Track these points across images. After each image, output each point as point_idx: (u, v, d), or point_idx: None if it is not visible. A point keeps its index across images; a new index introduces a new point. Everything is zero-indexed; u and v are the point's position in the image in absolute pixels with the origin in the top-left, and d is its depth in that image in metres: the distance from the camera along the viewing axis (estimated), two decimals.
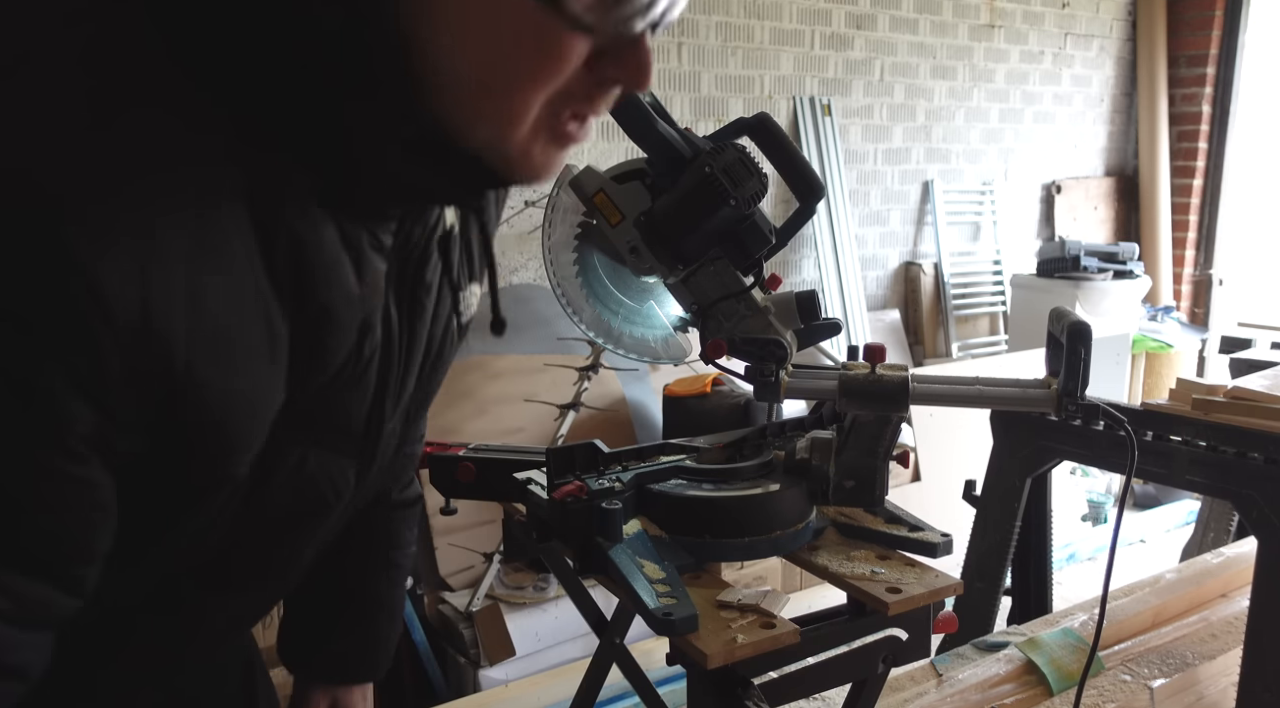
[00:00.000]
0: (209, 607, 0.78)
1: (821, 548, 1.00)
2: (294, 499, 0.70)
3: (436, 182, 0.64)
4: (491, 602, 2.67)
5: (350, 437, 0.72)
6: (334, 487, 0.73)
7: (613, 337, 1.07)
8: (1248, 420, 1.62)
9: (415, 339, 0.75)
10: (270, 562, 0.78)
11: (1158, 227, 5.44)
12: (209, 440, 0.59)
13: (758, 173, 0.93)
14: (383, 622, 1.10)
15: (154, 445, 0.57)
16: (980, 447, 2.09)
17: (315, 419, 0.68)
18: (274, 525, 0.72)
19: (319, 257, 0.62)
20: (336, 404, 0.69)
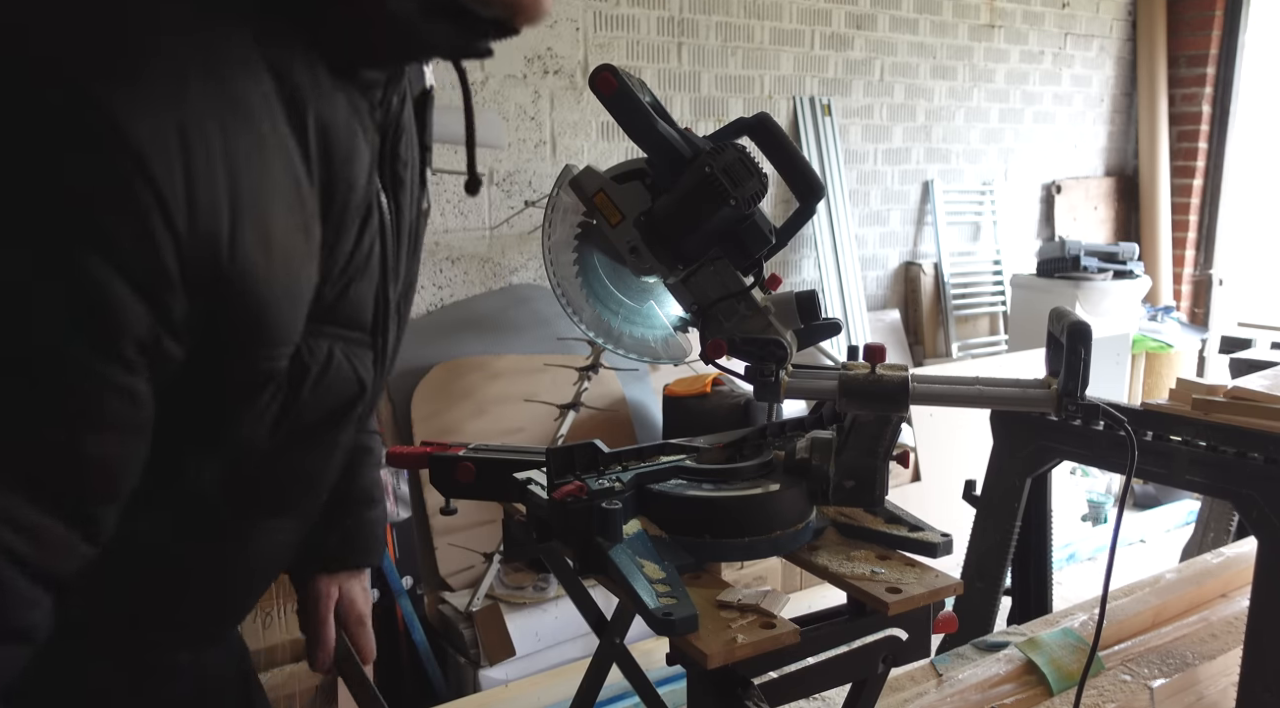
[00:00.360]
0: (254, 532, 0.78)
1: (821, 548, 1.00)
2: (327, 396, 0.71)
3: (442, 30, 0.64)
4: (491, 602, 2.67)
5: (364, 326, 0.73)
6: (359, 379, 0.74)
7: (613, 337, 1.07)
8: (1248, 420, 1.62)
9: (402, 217, 0.77)
10: (308, 472, 0.79)
11: (1158, 227, 5.44)
12: (251, 328, 0.59)
13: (758, 173, 0.93)
14: (364, 507, 1.10)
15: (198, 344, 0.57)
16: (980, 447, 2.09)
17: (336, 311, 0.69)
18: (311, 429, 0.72)
19: (340, 136, 0.63)
20: (352, 294, 0.70)
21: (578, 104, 3.49)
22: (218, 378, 0.60)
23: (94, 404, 0.53)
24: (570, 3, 3.42)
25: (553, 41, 3.41)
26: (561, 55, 3.44)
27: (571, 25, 3.44)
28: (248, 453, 0.68)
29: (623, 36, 3.60)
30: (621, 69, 0.93)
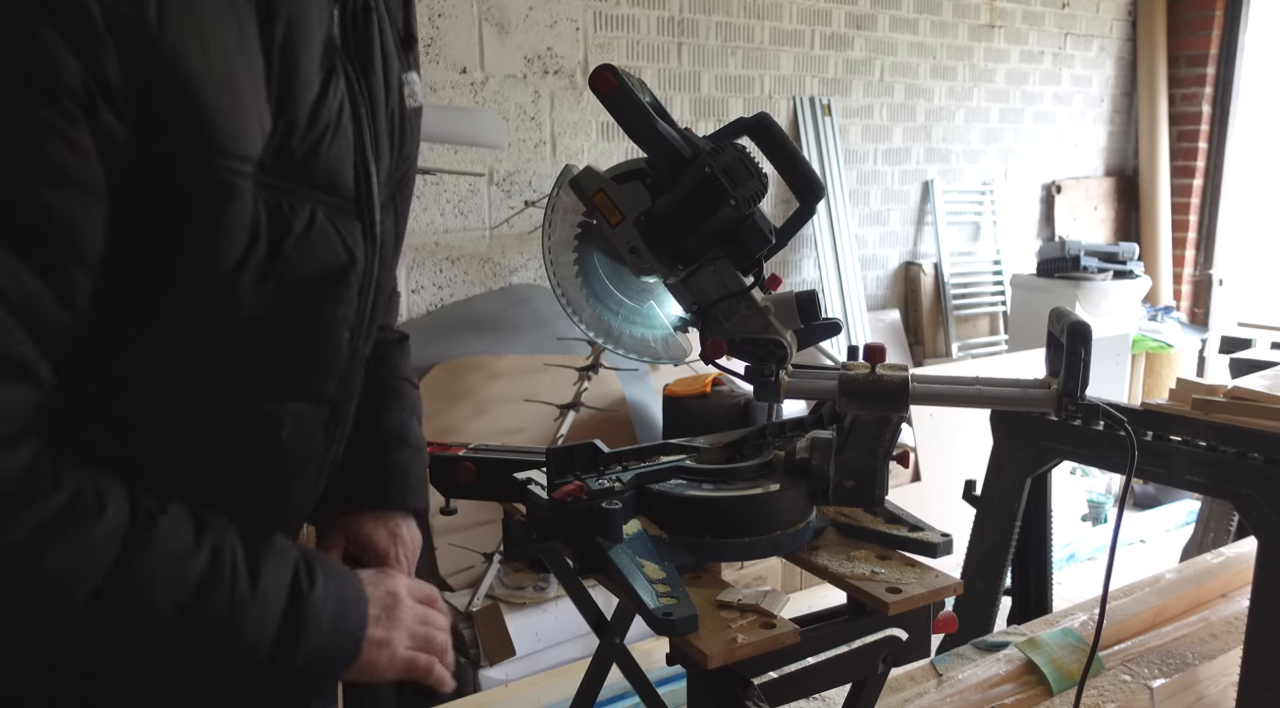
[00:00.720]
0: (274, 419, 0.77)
1: (821, 548, 1.00)
2: (313, 260, 0.73)
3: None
4: (491, 602, 2.67)
5: (345, 194, 0.76)
6: (347, 248, 0.76)
7: (613, 337, 1.07)
8: (1248, 420, 1.62)
9: (374, 95, 0.80)
10: (313, 346, 0.78)
11: (1158, 227, 5.44)
12: (192, 117, 0.62)
13: (758, 173, 0.93)
14: (394, 446, 1.02)
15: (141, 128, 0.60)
16: (980, 447, 2.09)
17: (312, 171, 0.72)
18: (303, 295, 0.74)
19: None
20: (325, 154, 0.73)
21: (578, 104, 3.49)
22: (175, 181, 0.63)
23: (40, 151, 0.57)
24: (570, 3, 3.42)
25: (553, 41, 3.41)
26: (561, 55, 3.44)
27: (571, 25, 3.44)
28: (245, 311, 0.69)
29: (623, 36, 3.60)
30: (621, 69, 0.93)
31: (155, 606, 0.65)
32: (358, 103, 0.77)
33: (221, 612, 0.68)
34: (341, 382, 0.83)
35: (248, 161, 0.66)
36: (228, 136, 0.64)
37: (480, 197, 3.32)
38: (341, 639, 0.77)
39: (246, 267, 0.68)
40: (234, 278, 0.68)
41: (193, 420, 0.72)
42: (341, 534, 1.00)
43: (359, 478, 0.99)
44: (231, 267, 0.67)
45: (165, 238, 0.64)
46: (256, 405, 0.75)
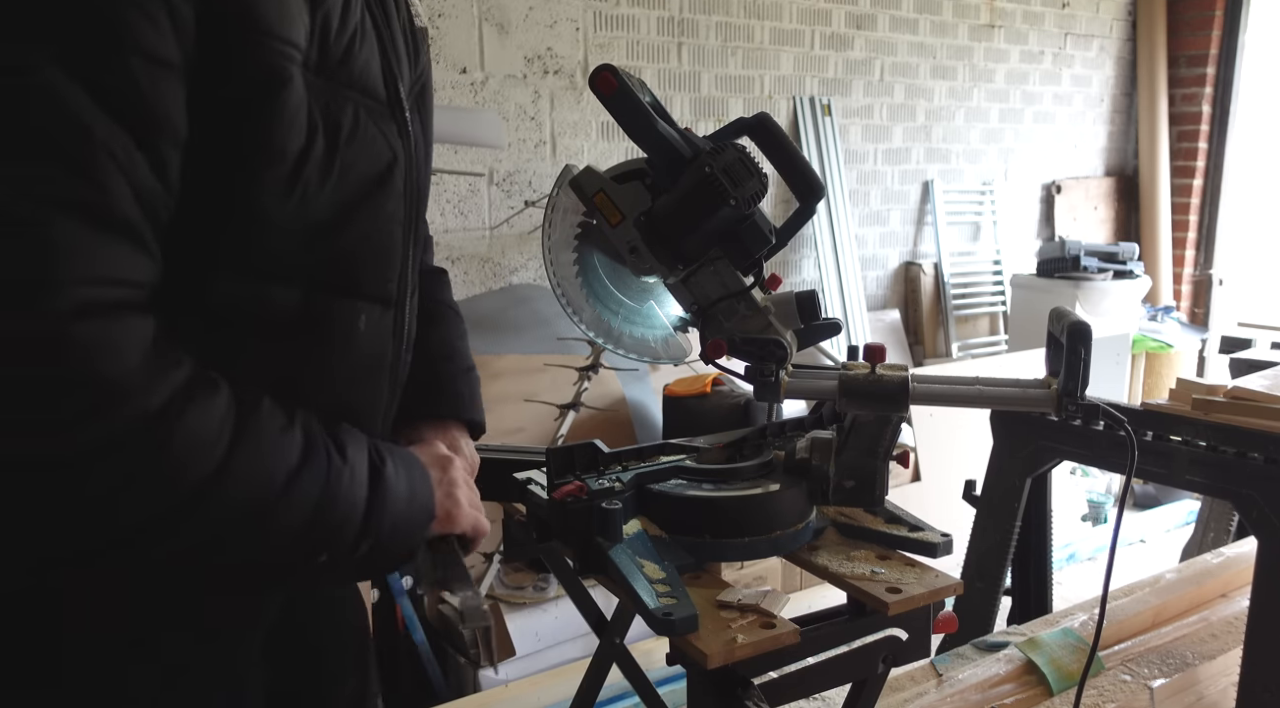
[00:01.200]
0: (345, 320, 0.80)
1: (821, 548, 1.00)
2: (364, 157, 0.77)
3: None
4: (491, 602, 2.67)
5: (378, 97, 0.80)
6: (390, 147, 0.81)
7: (613, 337, 1.07)
8: (1248, 420, 1.62)
9: (386, 7, 0.84)
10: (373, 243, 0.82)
11: (1158, 227, 5.44)
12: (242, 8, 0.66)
13: (758, 173, 0.93)
14: (443, 364, 1.04)
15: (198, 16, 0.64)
16: (980, 447, 2.09)
17: (349, 72, 0.76)
18: (361, 190, 0.78)
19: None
20: (357, 57, 0.77)
21: (578, 104, 3.49)
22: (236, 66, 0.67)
23: (126, 25, 0.61)
24: (570, 3, 3.42)
25: (553, 41, 3.41)
26: (561, 55, 3.44)
27: (571, 25, 3.44)
28: (311, 210, 0.73)
29: (623, 36, 3.60)
30: (621, 69, 0.93)
31: (270, 472, 0.69)
32: (374, 12, 0.82)
33: (321, 480, 0.72)
34: (400, 282, 0.87)
35: (296, 48, 0.70)
36: (274, 20, 0.68)
37: (480, 197, 3.32)
38: (414, 509, 0.82)
39: (310, 160, 0.72)
40: (299, 169, 0.72)
41: (272, 318, 0.75)
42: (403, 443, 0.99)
43: (408, 392, 0.99)
44: (296, 155, 0.71)
45: (234, 126, 0.68)
46: (331, 304, 0.79)
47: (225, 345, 0.72)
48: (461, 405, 1.04)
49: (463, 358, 1.08)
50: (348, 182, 0.76)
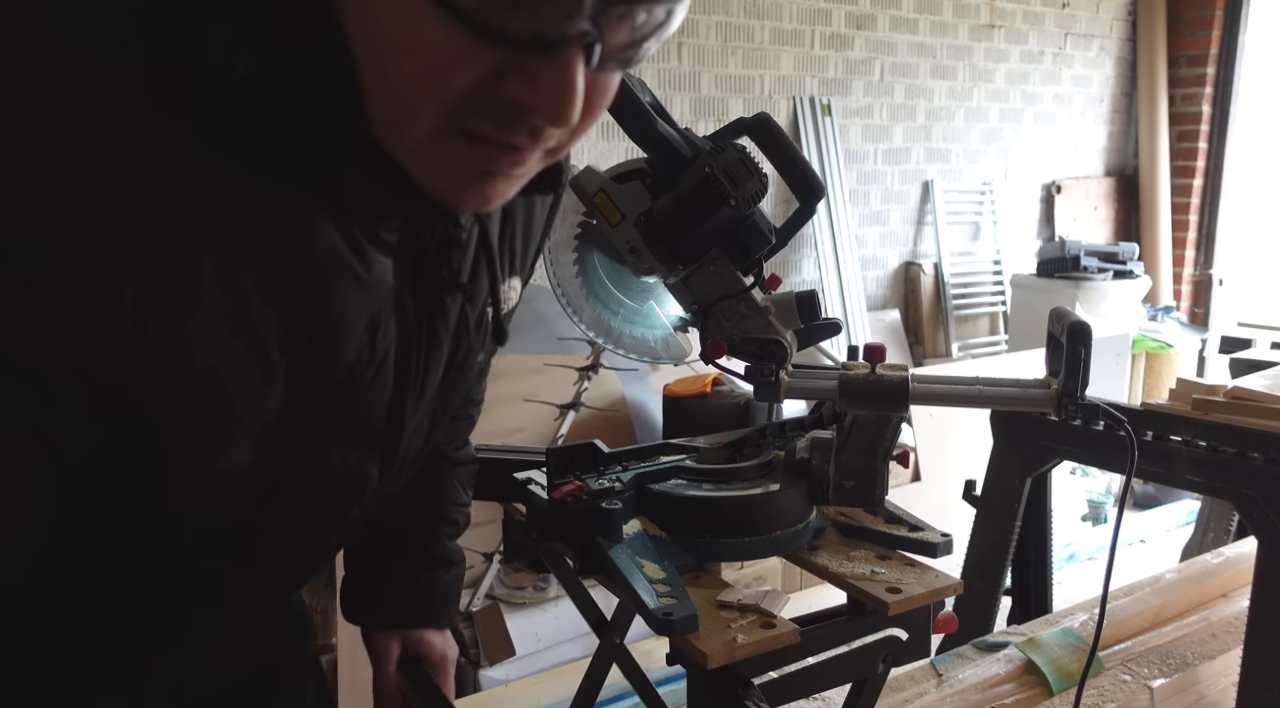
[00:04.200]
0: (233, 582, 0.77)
1: (821, 548, 1.00)
2: (314, 493, 0.70)
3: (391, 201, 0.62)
4: (491, 602, 2.67)
5: (371, 433, 0.72)
6: (355, 483, 0.73)
7: (613, 337, 1.07)
8: (1248, 420, 1.62)
9: (435, 337, 0.74)
10: (294, 547, 0.78)
11: (1158, 227, 5.44)
12: (179, 431, 0.58)
13: (758, 173, 0.93)
14: (440, 573, 1.13)
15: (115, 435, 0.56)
16: (980, 447, 2.09)
17: (334, 417, 0.67)
18: (295, 516, 0.72)
19: (313, 255, 0.61)
20: (353, 402, 0.68)
21: None
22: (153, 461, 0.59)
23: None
24: None
25: None
26: None
27: None
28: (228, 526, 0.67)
29: None
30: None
31: None
32: (409, 350, 0.71)
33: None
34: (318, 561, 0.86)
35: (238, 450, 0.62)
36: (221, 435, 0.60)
37: None
38: None
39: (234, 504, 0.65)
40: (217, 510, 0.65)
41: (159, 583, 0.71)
42: (397, 641, 1.13)
43: (406, 597, 1.11)
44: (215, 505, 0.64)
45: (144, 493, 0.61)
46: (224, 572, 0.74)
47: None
48: (451, 611, 1.17)
49: (459, 557, 1.16)
50: (276, 510, 0.68)
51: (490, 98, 0.52)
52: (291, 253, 0.59)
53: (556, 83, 0.51)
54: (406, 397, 0.73)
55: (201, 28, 0.54)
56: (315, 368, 0.64)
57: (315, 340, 0.63)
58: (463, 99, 0.52)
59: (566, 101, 0.51)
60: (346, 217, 0.63)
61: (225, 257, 0.56)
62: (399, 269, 0.68)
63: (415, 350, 0.72)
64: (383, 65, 0.53)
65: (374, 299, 0.66)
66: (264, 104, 0.56)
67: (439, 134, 0.54)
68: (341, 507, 0.75)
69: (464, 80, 0.51)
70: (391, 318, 0.69)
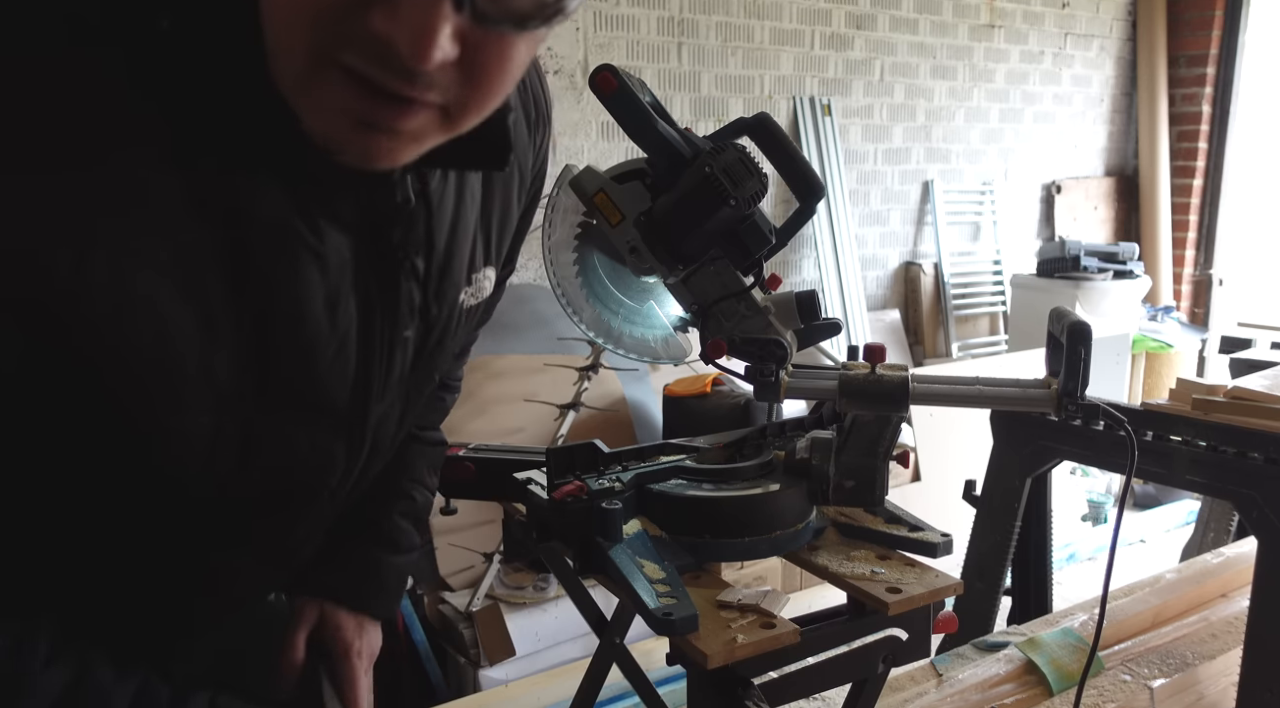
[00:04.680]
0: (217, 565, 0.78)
1: (821, 548, 1.00)
2: (279, 475, 0.70)
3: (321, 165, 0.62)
4: (491, 602, 2.67)
5: (335, 415, 0.71)
6: (321, 466, 0.73)
7: (613, 337, 1.07)
8: (1248, 420, 1.62)
9: (397, 315, 0.73)
10: (262, 531, 0.78)
11: (1158, 227, 5.44)
12: (125, 376, 0.59)
13: (758, 173, 0.93)
14: (383, 554, 1.04)
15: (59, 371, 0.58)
16: (980, 447, 2.09)
17: (296, 396, 0.67)
18: (266, 500, 0.72)
19: (257, 218, 0.62)
20: (315, 380, 0.68)
21: (578, 104, 3.49)
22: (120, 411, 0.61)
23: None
24: None
25: (553, 41, 3.41)
26: (561, 55, 3.44)
27: (571, 25, 3.44)
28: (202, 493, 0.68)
29: (623, 36, 3.60)
30: (621, 69, 0.93)
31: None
32: (371, 329, 0.71)
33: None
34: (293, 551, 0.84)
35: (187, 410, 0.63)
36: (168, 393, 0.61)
37: None
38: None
39: (199, 477, 0.66)
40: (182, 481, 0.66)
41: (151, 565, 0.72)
42: (315, 615, 1.02)
43: (344, 575, 1.02)
44: (179, 476, 0.65)
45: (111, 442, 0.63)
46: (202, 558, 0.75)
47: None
48: (390, 604, 1.07)
49: (410, 544, 1.07)
50: (253, 484, 0.69)
51: (358, 29, 0.51)
52: (233, 214, 0.60)
53: (414, 14, 0.50)
54: (372, 378, 0.72)
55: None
56: (268, 336, 0.64)
57: (265, 305, 0.63)
58: (329, 26, 0.52)
59: (423, 34, 0.50)
60: (299, 185, 0.63)
61: (164, 214, 0.58)
62: (357, 246, 0.68)
63: (378, 331, 0.71)
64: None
65: (329, 273, 0.66)
66: (188, 61, 0.57)
67: (312, 67, 0.54)
68: (308, 491, 0.74)
69: (328, 2, 0.51)
70: (351, 295, 0.68)
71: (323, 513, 0.81)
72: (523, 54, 0.58)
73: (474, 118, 0.60)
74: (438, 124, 0.58)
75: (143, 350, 0.59)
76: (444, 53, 0.51)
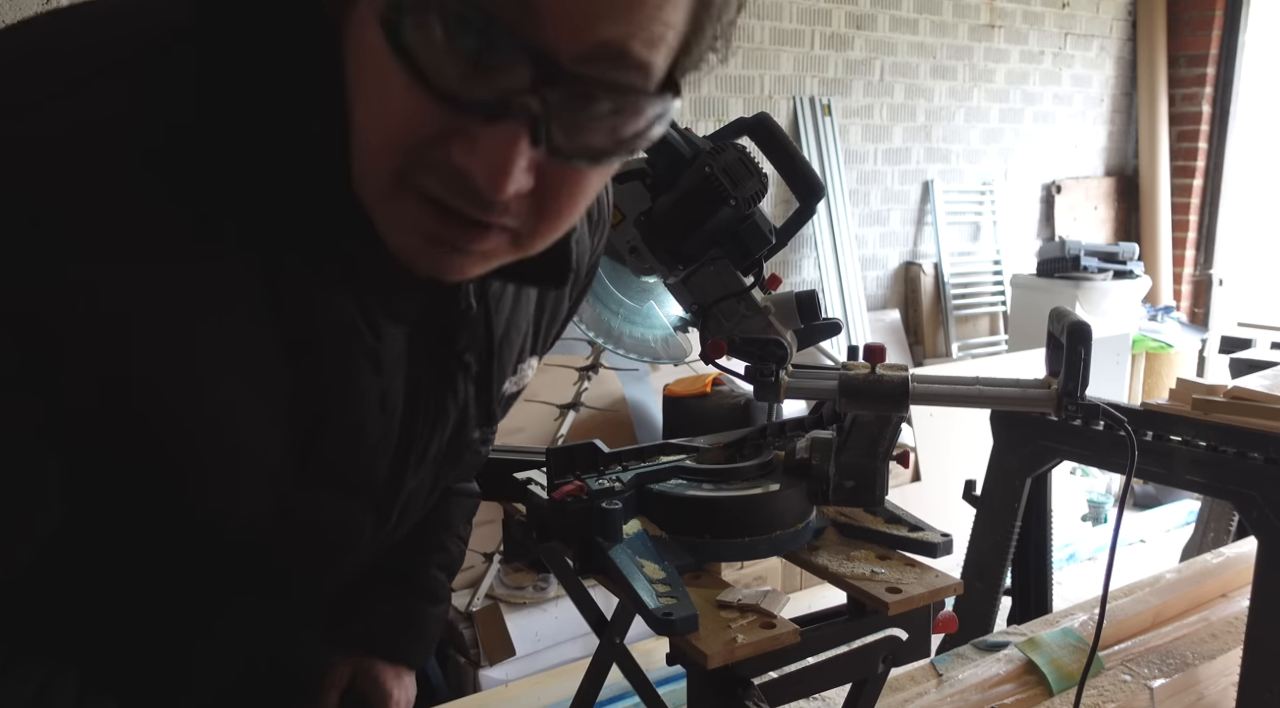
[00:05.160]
0: (242, 615, 0.79)
1: (821, 548, 1.00)
2: (303, 541, 0.72)
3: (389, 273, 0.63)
4: (491, 602, 2.67)
5: (370, 491, 0.73)
6: (348, 535, 0.75)
7: (613, 337, 1.07)
8: (1248, 420, 1.62)
9: (443, 408, 0.75)
10: (297, 585, 0.79)
11: (1158, 227, 5.44)
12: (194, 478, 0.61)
13: (758, 173, 0.93)
14: (421, 605, 1.05)
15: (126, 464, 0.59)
16: (980, 447, 2.09)
17: (334, 476, 0.69)
18: (293, 558, 0.73)
19: (332, 326, 0.64)
20: (356, 463, 0.70)
21: None
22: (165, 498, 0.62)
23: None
24: None
25: None
26: None
27: None
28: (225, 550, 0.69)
29: None
30: None
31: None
32: (416, 417, 0.73)
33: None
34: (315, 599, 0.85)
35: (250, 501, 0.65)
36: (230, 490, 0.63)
37: None
38: None
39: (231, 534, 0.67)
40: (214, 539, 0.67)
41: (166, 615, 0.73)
42: (349, 674, 1.03)
43: (379, 624, 1.03)
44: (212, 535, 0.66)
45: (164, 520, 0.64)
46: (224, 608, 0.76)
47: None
48: (426, 654, 1.08)
49: (445, 594, 1.09)
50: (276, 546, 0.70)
51: (440, 158, 0.54)
52: (305, 314, 0.62)
53: (491, 149, 0.52)
54: (409, 457, 0.74)
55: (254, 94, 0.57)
56: (324, 431, 0.66)
57: (322, 401, 0.65)
58: (412, 154, 0.54)
59: (499, 170, 0.52)
60: (363, 285, 0.65)
61: (246, 330, 0.60)
62: (412, 342, 0.70)
63: (422, 418, 0.74)
64: (359, 120, 0.56)
65: (383, 372, 0.68)
66: (276, 171, 0.59)
67: (394, 188, 0.56)
68: (332, 555, 0.76)
69: (415, 135, 0.53)
70: (401, 387, 0.71)
71: (342, 572, 0.82)
72: (595, 184, 0.60)
73: (543, 243, 0.62)
74: (508, 246, 0.60)
75: (216, 450, 0.61)
76: (518, 185, 0.54)
